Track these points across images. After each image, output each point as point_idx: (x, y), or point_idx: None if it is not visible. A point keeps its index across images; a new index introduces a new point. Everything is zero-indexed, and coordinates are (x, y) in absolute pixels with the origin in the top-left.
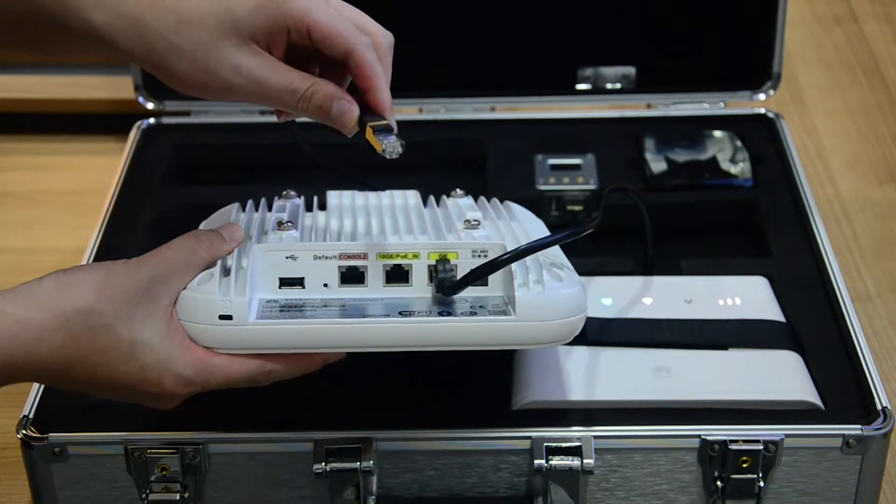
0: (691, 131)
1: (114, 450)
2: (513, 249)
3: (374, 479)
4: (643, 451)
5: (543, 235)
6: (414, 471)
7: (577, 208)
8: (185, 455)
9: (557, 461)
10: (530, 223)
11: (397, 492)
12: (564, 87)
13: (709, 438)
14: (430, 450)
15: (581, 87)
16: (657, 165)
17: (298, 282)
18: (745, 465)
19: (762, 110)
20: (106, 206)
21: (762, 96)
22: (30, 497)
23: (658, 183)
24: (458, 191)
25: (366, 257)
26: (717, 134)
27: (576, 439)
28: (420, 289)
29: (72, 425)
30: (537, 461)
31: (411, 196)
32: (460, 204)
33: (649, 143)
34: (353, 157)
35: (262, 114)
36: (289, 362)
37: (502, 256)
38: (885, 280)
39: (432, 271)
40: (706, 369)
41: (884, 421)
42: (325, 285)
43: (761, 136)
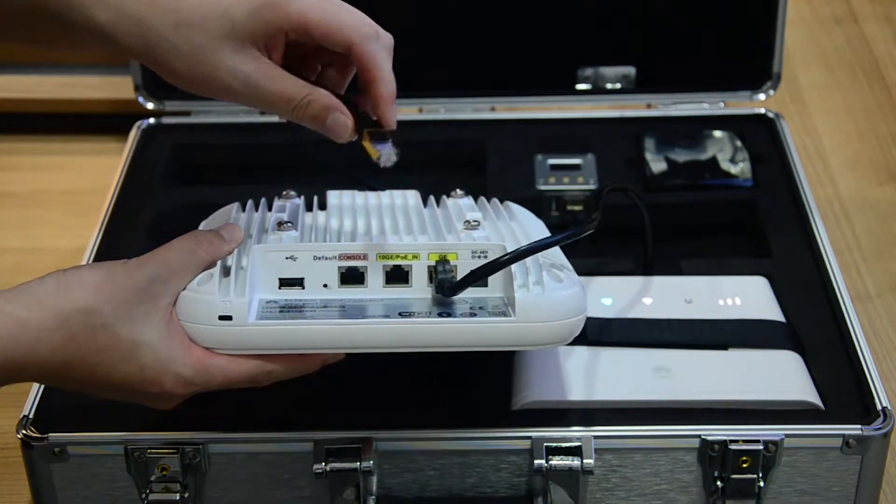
0: (691, 131)
1: (114, 450)
2: (513, 250)
3: (374, 479)
4: (643, 451)
5: (543, 236)
6: (414, 471)
7: (577, 208)
8: (185, 455)
9: (557, 461)
10: (530, 224)
11: (397, 492)
12: (564, 87)
13: (709, 438)
14: (430, 450)
15: (581, 87)
16: (657, 165)
17: (298, 282)
18: (745, 465)
19: (762, 110)
20: (106, 206)
21: (762, 96)
22: (30, 497)
23: (658, 183)
24: (458, 191)
25: (365, 258)
26: (717, 134)
27: (576, 439)
28: (420, 289)
29: (72, 425)
30: (537, 461)
31: (411, 196)
32: (460, 204)
33: (649, 143)
34: (354, 157)
35: (262, 114)
36: (288, 363)
37: (502, 257)
38: (885, 280)
39: (432, 272)
40: (706, 369)
41: (884, 421)
42: (325, 286)
43: (761, 136)
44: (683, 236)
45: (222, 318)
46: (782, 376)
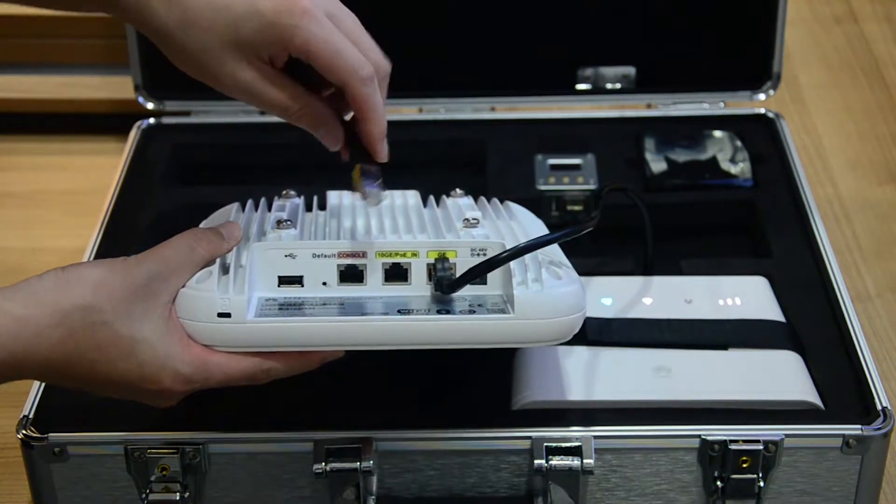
0: (691, 131)
1: (114, 450)
2: (511, 247)
3: (374, 479)
4: (643, 451)
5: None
6: (414, 471)
7: (577, 208)
8: (185, 455)
9: (557, 461)
10: (530, 223)
11: (397, 492)
12: (564, 87)
13: (709, 438)
14: (430, 450)
15: (581, 87)
16: (657, 165)
17: (297, 280)
18: (745, 465)
19: (762, 110)
20: (106, 206)
21: (762, 96)
22: (30, 497)
23: (658, 183)
24: (458, 190)
25: (365, 256)
26: (717, 134)
27: (576, 439)
28: (419, 287)
29: (72, 425)
30: (537, 461)
31: (411, 196)
32: (460, 203)
33: (649, 143)
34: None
35: (262, 114)
36: (287, 360)
37: (501, 254)
38: (885, 280)
39: (431, 270)
40: (706, 369)
41: (884, 421)
42: (324, 284)
43: (761, 136)
44: (683, 236)
45: (221, 315)
46: (782, 376)
